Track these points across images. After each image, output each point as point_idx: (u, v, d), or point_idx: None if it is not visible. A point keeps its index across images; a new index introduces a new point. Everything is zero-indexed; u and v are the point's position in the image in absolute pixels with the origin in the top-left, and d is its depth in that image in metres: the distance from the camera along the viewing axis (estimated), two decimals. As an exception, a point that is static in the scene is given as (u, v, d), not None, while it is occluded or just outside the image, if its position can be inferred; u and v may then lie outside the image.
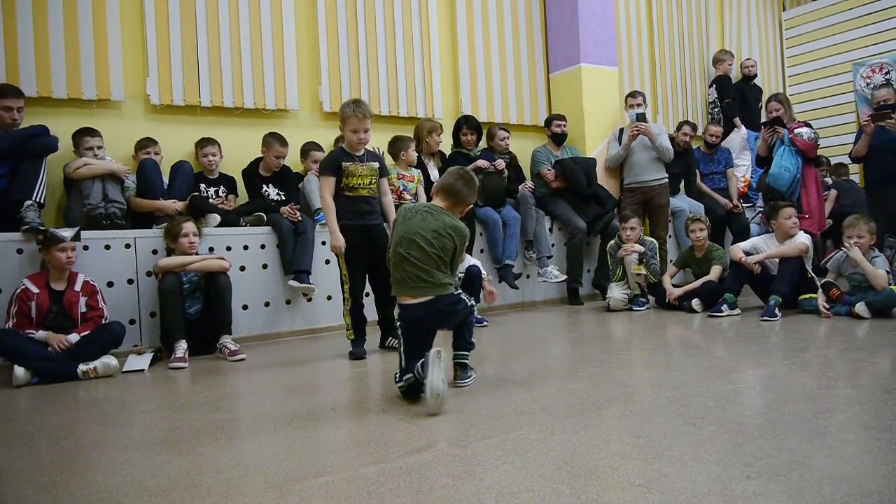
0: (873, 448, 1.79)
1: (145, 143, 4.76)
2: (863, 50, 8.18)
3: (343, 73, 5.78)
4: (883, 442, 1.83)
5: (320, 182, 3.84)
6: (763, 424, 2.07)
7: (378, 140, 5.74)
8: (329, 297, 5.01)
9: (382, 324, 4.09)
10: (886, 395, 2.34)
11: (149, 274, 4.31)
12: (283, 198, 5.00)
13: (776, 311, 4.44)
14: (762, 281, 4.85)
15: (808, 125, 6.03)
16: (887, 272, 4.36)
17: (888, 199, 5.54)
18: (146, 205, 4.51)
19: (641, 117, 6.23)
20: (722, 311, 4.70)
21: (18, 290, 3.62)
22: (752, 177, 7.44)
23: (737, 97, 7.99)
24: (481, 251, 5.65)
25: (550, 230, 6.15)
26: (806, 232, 5.04)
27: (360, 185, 3.81)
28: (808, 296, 4.64)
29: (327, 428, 2.33)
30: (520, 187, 6.00)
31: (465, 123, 5.87)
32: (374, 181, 3.87)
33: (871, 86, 7.47)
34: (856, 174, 7.52)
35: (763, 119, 6.24)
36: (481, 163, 5.64)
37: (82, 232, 4.09)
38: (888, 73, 7.49)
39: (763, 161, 6.15)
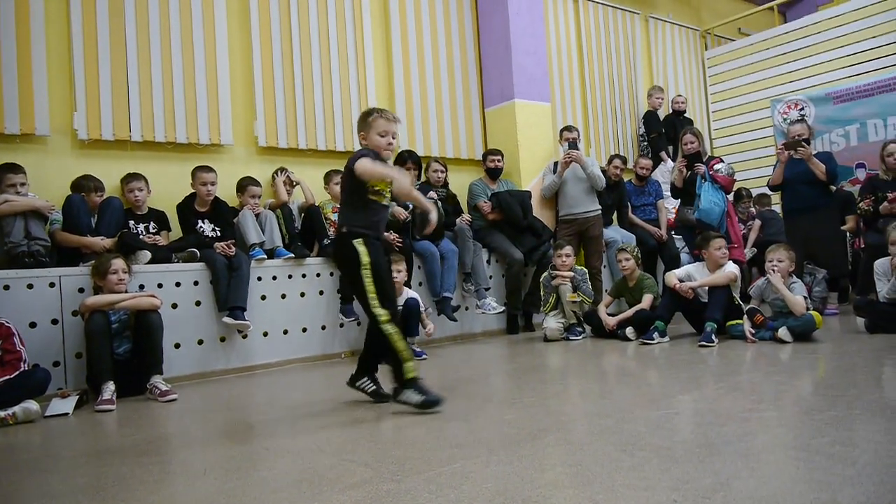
0: (792, 468, 1.86)
1: (96, 184, 4.66)
2: (780, 87, 8.64)
3: (279, 108, 5.77)
4: (801, 461, 1.90)
5: (366, 159, 3.08)
6: (691, 448, 2.12)
7: (313, 174, 5.74)
8: (265, 334, 4.92)
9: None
10: (806, 417, 2.44)
11: (75, 314, 4.16)
12: (219, 233, 4.93)
13: (713, 336, 4.56)
14: (694, 308, 5.01)
15: (721, 160, 6.36)
16: (805, 297, 4.57)
17: (803, 227, 5.88)
18: (72, 240, 4.36)
19: (573, 145, 6.41)
20: (654, 339, 4.82)
21: None
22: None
23: (664, 131, 8.31)
24: (420, 284, 5.67)
25: (488, 262, 6.22)
26: (735, 261, 5.27)
27: (385, 191, 3.22)
28: (734, 322, 4.81)
29: (261, 468, 2.28)
30: (457, 220, 6.07)
31: (409, 158, 5.90)
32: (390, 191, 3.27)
33: (788, 121, 7.88)
34: (777, 204, 7.89)
35: (681, 152, 6.55)
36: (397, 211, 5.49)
37: (3, 271, 3.94)
38: (803, 108, 7.92)
39: (678, 192, 6.43)
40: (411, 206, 5.69)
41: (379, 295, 3.11)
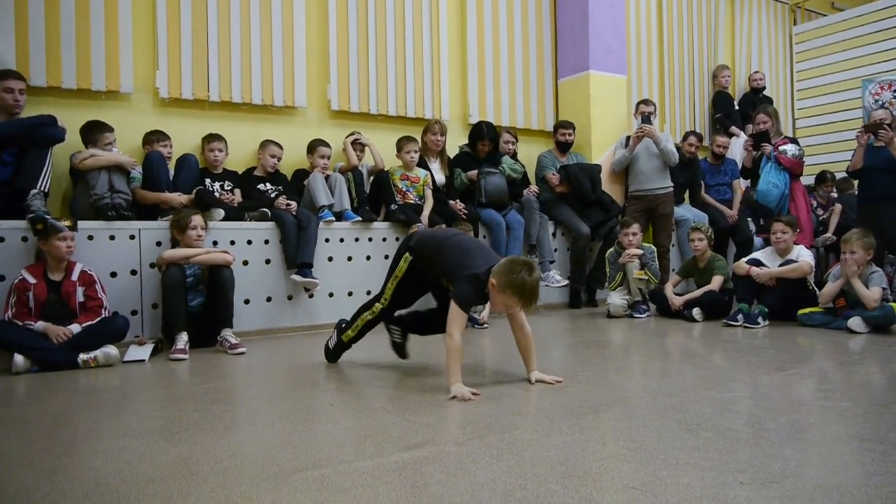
0: (866, 459, 1.79)
1: (158, 137, 4.78)
2: (873, 66, 8.17)
3: (352, 72, 5.80)
4: (876, 454, 1.83)
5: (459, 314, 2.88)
6: (758, 433, 2.07)
7: (384, 139, 5.77)
8: (331, 295, 5.02)
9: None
10: (882, 409, 2.35)
11: (152, 265, 4.33)
12: (281, 190, 5.06)
13: (738, 316, 4.68)
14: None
15: (794, 141, 6.12)
16: (884, 288, 4.34)
17: (881, 216, 5.58)
18: (152, 197, 4.52)
19: (647, 119, 6.22)
20: (738, 321, 4.68)
21: (16, 281, 3.62)
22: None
23: (738, 109, 8.03)
24: (484, 254, 5.66)
25: (554, 235, 6.16)
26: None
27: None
28: (808, 310, 4.63)
29: (325, 422, 2.34)
30: (524, 191, 6.01)
31: (488, 134, 5.85)
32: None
33: (880, 102, 7.47)
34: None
35: (752, 131, 6.34)
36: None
37: (87, 222, 4.13)
38: (897, 89, 7.50)
39: (747, 172, 6.30)
40: (477, 172, 5.69)
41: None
